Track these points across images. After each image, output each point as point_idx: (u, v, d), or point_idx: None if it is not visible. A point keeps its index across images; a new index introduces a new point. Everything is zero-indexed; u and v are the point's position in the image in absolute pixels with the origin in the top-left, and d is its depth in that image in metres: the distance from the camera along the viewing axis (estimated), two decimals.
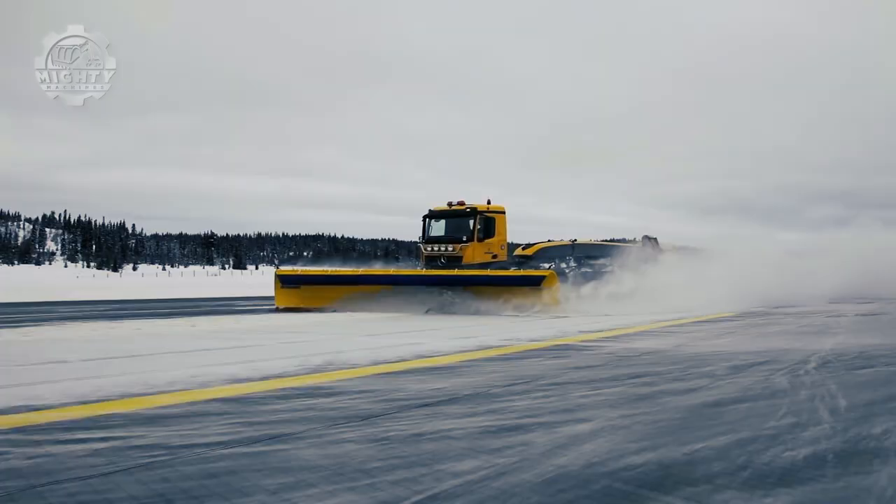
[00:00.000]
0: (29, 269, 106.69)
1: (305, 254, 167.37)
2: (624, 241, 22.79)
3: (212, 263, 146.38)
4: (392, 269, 17.86)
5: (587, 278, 17.22)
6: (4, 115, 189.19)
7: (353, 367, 5.82)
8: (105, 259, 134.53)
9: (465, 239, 15.86)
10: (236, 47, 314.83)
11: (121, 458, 2.93)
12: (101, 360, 6.30)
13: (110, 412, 3.88)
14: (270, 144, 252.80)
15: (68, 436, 3.32)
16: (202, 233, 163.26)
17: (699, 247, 22.05)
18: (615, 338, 8.46)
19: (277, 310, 14.68)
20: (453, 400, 4.28)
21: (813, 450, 3.07)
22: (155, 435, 3.33)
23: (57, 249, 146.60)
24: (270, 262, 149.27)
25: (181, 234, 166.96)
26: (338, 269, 17.77)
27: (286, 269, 16.66)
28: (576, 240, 19.50)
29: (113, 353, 6.74)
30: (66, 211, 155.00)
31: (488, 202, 16.32)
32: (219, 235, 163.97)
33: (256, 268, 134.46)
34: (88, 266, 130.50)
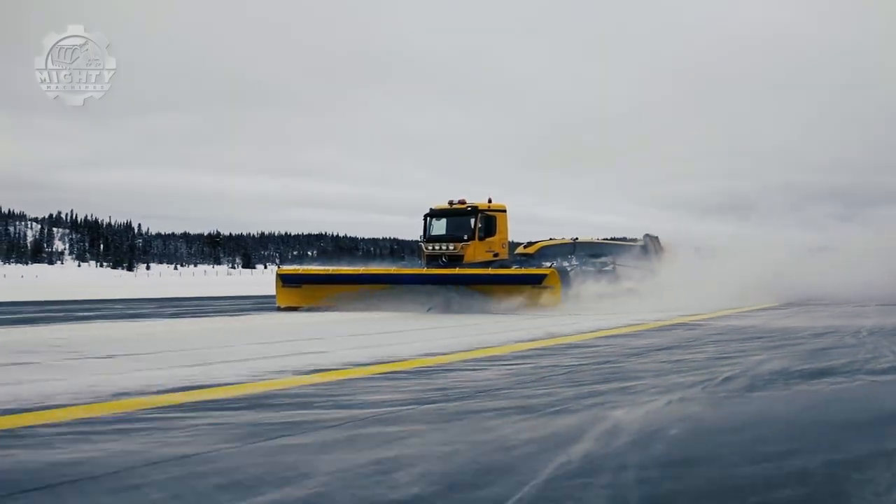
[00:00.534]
0: (43, 268, 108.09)
1: (310, 253, 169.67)
2: (625, 240, 23.14)
3: (219, 263, 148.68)
4: (393, 269, 17.81)
5: (589, 277, 17.43)
6: (5, 116, 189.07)
7: (566, 335, 8.72)
8: (119, 258, 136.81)
9: (466, 238, 15.96)
10: (237, 47, 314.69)
11: (548, 370, 5.69)
12: (359, 335, 8.99)
13: (480, 356, 6.69)
14: (271, 144, 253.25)
15: (484, 365, 6.15)
16: (204, 232, 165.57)
17: (705, 245, 22.25)
18: (710, 320, 11.40)
19: (279, 309, 14.85)
20: (667, 348, 7.22)
21: (891, 365, 5.95)
22: (542, 364, 6.08)
23: (65, 249, 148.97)
24: (276, 262, 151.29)
25: (185, 233, 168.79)
26: (339, 267, 17.87)
27: (287, 268, 17.10)
28: (577, 238, 19.75)
29: (351, 332, 9.41)
30: (72, 210, 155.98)
31: (489, 201, 16.56)
32: (223, 235, 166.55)
33: (265, 267, 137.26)
34: (102, 265, 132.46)
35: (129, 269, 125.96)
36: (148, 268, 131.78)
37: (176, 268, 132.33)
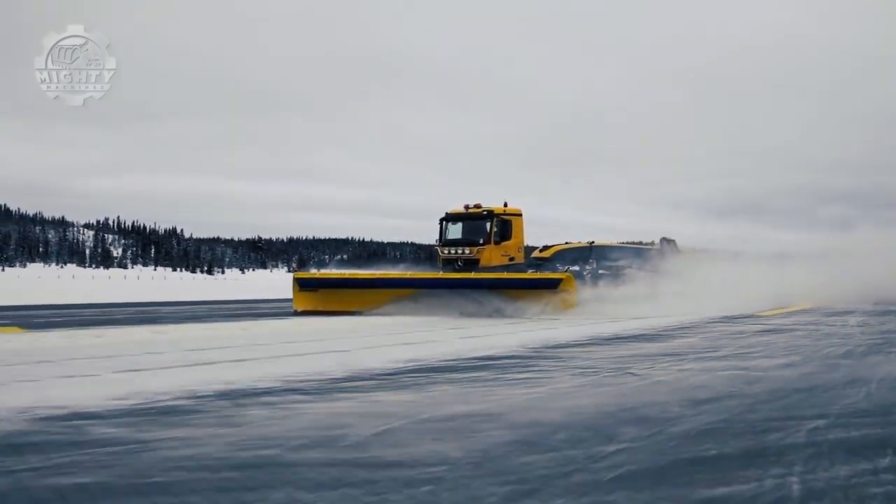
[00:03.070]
0: (129, 273, 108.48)
1: (339, 257, 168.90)
2: (641, 243, 22.17)
3: (264, 267, 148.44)
4: (409, 272, 16.95)
5: (604, 280, 16.90)
6: (13, 121, 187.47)
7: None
8: (171, 263, 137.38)
9: (481, 241, 15.15)
10: (247, 51, 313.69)
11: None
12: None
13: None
14: (282, 148, 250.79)
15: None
16: (234, 237, 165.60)
17: (717, 248, 21.49)
18: (806, 311, 13.96)
19: (296, 313, 13.85)
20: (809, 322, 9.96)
21: None
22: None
23: (118, 254, 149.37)
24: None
25: (216, 237, 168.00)
26: (356, 271, 17.14)
27: (304, 272, 15.88)
28: (594, 242, 18.90)
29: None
30: (118, 217, 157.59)
31: (505, 204, 15.66)
32: (265, 239, 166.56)
33: (318, 270, 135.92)
34: (175, 270, 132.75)
35: (210, 272, 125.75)
36: (222, 272, 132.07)
37: (243, 272, 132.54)
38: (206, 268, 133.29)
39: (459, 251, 15.31)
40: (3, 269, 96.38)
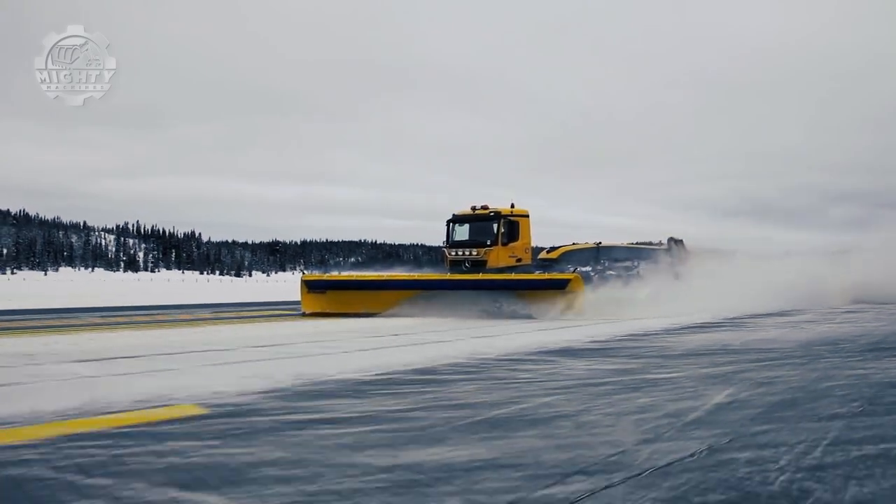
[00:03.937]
0: (161, 276, 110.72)
1: (353, 259, 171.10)
2: (650, 244, 22.14)
3: (284, 269, 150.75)
4: (416, 274, 16.57)
5: (613, 281, 16.90)
6: (14, 121, 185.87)
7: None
8: (192, 266, 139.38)
9: (489, 243, 15.17)
10: (257, 53, 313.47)
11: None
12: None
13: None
14: (290, 150, 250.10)
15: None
16: (249, 241, 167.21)
17: (730, 249, 21.46)
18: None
19: (304, 315, 13.99)
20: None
21: None
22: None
23: (140, 258, 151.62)
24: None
25: (230, 240, 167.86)
26: (364, 273, 16.94)
27: (312, 274, 15.85)
28: (601, 243, 18.84)
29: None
30: (138, 221, 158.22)
31: (512, 206, 15.63)
32: (282, 243, 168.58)
33: (339, 273, 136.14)
34: (202, 273, 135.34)
35: (238, 275, 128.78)
36: (250, 275, 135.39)
37: (267, 274, 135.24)
38: (234, 271, 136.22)
39: (467, 252, 15.37)
40: (45, 274, 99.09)
